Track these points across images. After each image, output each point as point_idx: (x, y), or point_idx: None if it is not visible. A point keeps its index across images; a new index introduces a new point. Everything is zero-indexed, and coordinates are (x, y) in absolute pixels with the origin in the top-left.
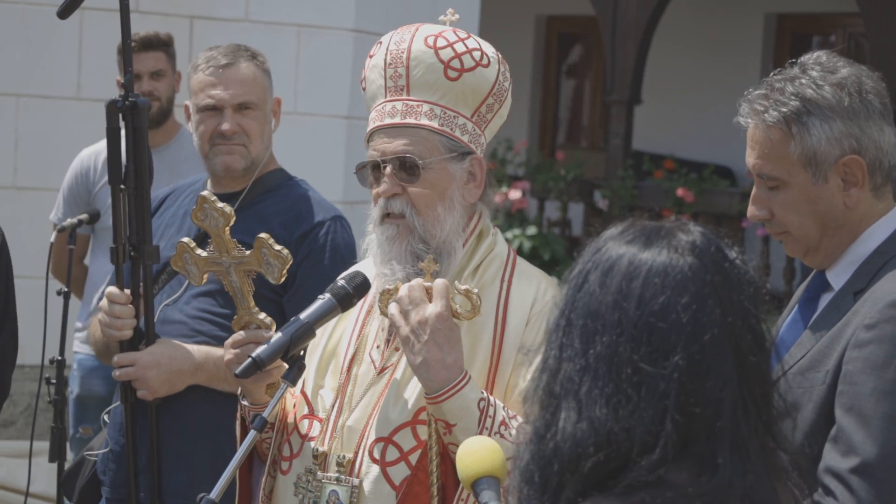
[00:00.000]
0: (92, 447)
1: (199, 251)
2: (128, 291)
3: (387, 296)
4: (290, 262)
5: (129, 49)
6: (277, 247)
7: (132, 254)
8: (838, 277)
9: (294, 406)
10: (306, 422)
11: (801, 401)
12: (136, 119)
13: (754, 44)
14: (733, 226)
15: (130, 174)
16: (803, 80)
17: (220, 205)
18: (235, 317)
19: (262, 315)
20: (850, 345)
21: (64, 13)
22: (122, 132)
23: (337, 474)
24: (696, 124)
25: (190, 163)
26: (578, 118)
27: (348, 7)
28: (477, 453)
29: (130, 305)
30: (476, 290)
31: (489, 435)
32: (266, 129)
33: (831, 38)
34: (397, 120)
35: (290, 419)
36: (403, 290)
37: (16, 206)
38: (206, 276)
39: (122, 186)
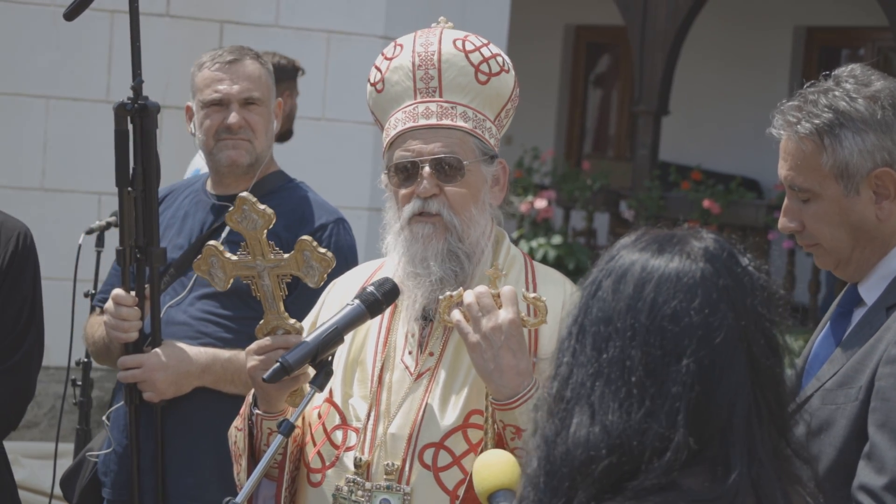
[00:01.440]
0: (92, 447)
1: (228, 255)
2: (133, 293)
3: (448, 302)
4: (334, 265)
5: (138, 52)
6: (322, 249)
7: (138, 256)
8: (871, 292)
9: (320, 417)
10: (339, 432)
11: (834, 417)
12: (145, 122)
13: (783, 56)
14: (759, 238)
15: (138, 177)
16: (837, 93)
17: (262, 206)
18: (262, 322)
19: (293, 320)
20: (882, 361)
21: (70, 15)
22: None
23: (387, 482)
24: (723, 136)
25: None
26: (605, 128)
27: (378, 14)
28: (493, 466)
29: (136, 308)
30: (544, 298)
31: None
32: (269, 128)
33: (860, 52)
34: (433, 121)
35: (317, 430)
36: (469, 296)
37: (44, 208)
38: (231, 280)
39: (130, 189)
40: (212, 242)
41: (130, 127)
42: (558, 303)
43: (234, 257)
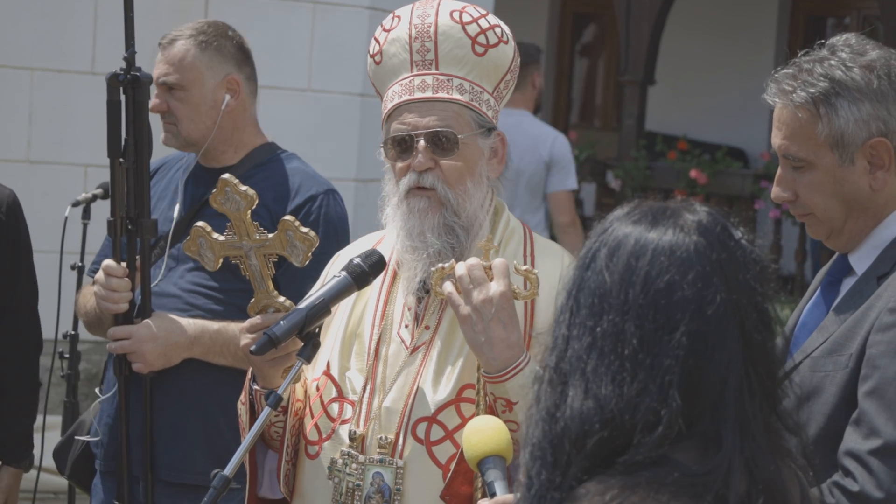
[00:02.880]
0: (84, 420)
1: (215, 235)
2: (123, 264)
3: (440, 274)
4: (317, 244)
5: (131, 23)
6: (304, 229)
7: (129, 227)
8: (861, 261)
9: (317, 389)
10: (336, 405)
11: (823, 384)
12: (137, 93)
13: (769, 26)
14: (745, 207)
15: (130, 148)
16: (832, 62)
17: (243, 188)
18: (252, 301)
19: (283, 298)
20: (873, 328)
21: None
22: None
23: (380, 456)
24: (709, 106)
25: None
26: (592, 98)
27: None
28: (483, 433)
29: (127, 279)
30: (536, 271)
31: None
32: (198, 110)
33: (846, 21)
34: (429, 94)
35: (315, 402)
36: (461, 268)
37: (30, 180)
38: (221, 260)
39: (121, 160)
40: (199, 224)
41: (122, 98)
42: (555, 275)
43: (222, 238)
